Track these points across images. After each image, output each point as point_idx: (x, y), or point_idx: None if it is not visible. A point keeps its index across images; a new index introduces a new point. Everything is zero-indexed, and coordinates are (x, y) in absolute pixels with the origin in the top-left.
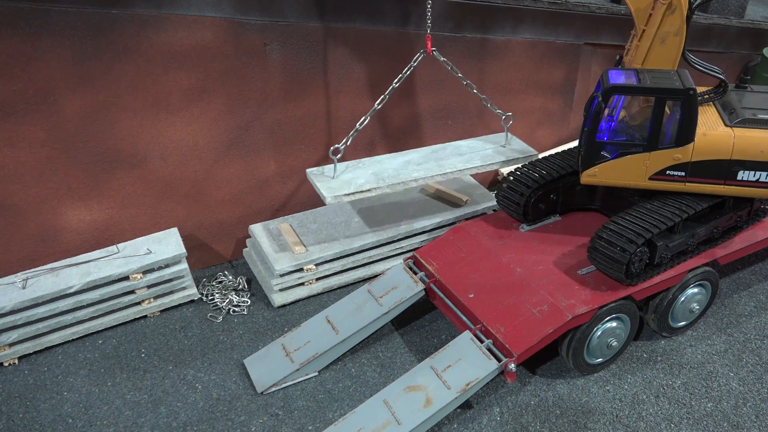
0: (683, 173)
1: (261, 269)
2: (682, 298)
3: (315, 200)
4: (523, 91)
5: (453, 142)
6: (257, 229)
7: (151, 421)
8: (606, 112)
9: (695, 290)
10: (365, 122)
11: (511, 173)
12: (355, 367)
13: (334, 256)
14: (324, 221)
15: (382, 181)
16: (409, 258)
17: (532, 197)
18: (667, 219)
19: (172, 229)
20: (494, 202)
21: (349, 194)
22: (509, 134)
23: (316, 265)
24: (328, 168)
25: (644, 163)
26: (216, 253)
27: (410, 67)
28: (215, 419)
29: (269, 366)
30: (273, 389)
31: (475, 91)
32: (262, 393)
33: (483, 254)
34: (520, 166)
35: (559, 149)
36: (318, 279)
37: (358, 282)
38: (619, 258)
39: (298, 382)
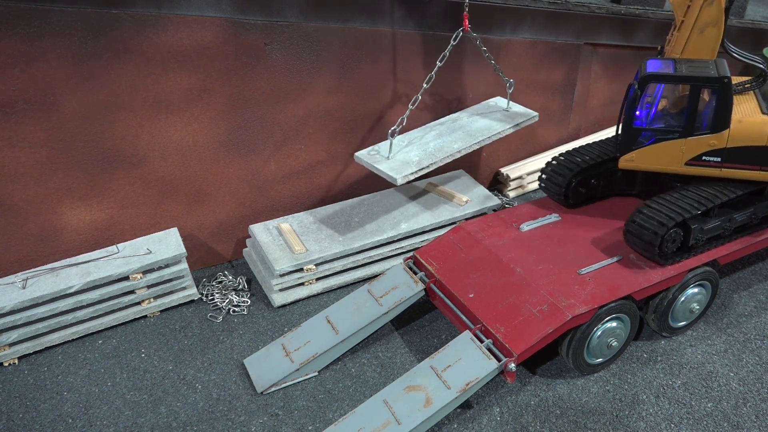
0: (719, 159)
1: (261, 269)
2: (682, 298)
3: (315, 200)
4: (523, 91)
5: (462, 112)
6: (257, 229)
7: (151, 421)
8: (647, 100)
9: (695, 290)
10: (417, 101)
11: (554, 158)
12: (355, 367)
13: (334, 256)
14: (324, 221)
15: (434, 156)
16: (409, 258)
17: (573, 181)
18: (699, 204)
19: (172, 229)
20: (494, 203)
21: (414, 173)
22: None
23: (316, 265)
24: (380, 147)
25: (680, 149)
26: (216, 253)
27: (451, 45)
28: (215, 419)
29: (269, 366)
30: (273, 389)
31: (501, 74)
32: (262, 393)
33: (483, 254)
34: (563, 151)
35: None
36: (318, 279)
37: (358, 282)
38: (651, 240)
39: (298, 382)
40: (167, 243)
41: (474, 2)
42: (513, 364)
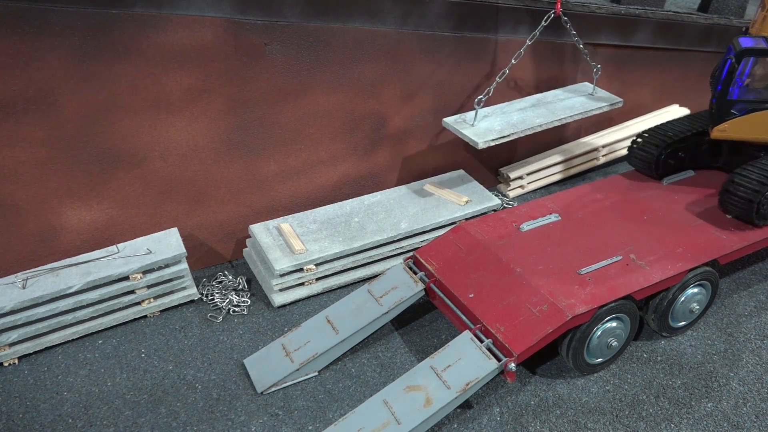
0: None
1: (261, 269)
2: (682, 298)
3: (315, 200)
4: (524, 91)
5: (548, 92)
6: (257, 229)
7: (151, 421)
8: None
9: (695, 290)
10: (505, 75)
11: (645, 131)
12: (355, 367)
13: (334, 256)
14: (324, 221)
15: (515, 127)
16: (409, 258)
17: (662, 154)
18: None
19: (172, 229)
20: (494, 203)
21: (495, 140)
22: (589, 84)
23: (316, 265)
24: (466, 116)
25: None
26: (216, 253)
27: (541, 26)
28: (215, 419)
29: (269, 366)
30: (273, 389)
31: (588, 59)
32: (262, 393)
33: (483, 254)
34: (651, 126)
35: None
36: (318, 279)
37: (358, 282)
38: (752, 198)
39: (298, 382)
40: (167, 243)
41: (474, 2)
42: (513, 364)
